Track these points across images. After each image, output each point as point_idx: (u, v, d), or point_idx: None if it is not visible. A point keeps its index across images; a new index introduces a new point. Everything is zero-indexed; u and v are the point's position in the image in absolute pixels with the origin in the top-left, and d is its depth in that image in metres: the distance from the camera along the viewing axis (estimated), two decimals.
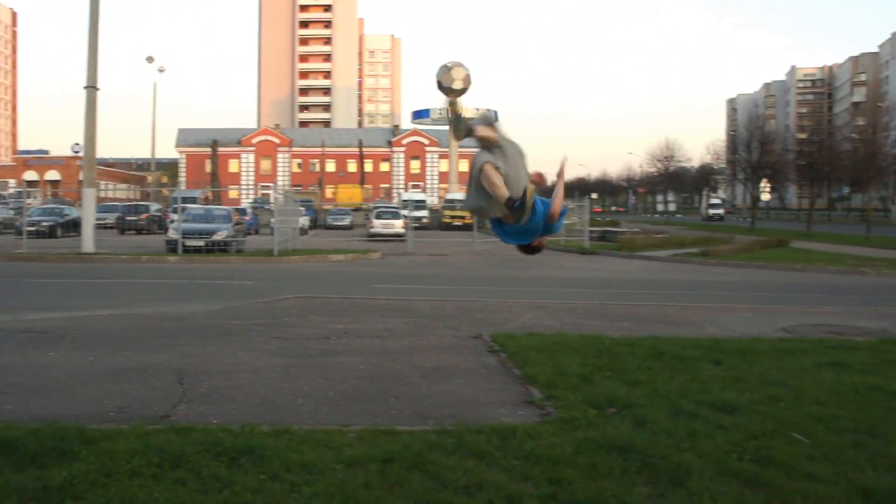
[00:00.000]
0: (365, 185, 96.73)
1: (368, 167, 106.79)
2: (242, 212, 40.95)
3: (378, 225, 40.10)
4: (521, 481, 4.88)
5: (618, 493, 4.66)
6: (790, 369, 8.40)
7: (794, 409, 6.69)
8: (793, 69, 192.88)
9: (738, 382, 7.66)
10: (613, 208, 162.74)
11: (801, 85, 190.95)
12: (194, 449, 5.30)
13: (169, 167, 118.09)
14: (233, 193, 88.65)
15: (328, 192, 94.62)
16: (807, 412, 6.62)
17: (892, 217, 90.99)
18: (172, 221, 29.71)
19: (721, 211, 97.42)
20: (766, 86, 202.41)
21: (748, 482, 4.95)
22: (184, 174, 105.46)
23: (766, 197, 72.25)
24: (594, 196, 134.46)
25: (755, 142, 67.05)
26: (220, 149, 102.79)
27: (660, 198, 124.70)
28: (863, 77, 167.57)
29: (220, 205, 41.06)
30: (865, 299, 17.59)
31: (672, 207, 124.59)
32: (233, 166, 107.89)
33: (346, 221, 53.59)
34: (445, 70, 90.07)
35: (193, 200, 43.52)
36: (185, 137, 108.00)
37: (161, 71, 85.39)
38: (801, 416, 6.51)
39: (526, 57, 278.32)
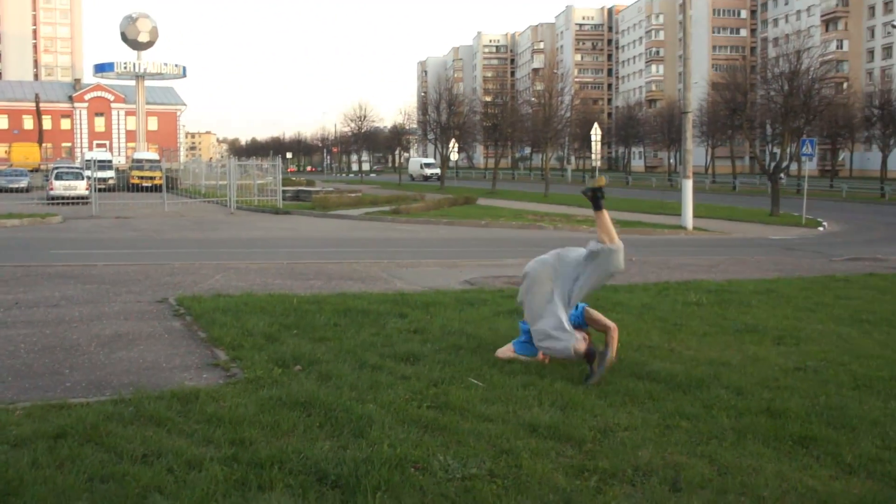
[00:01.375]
0: (44, 144, 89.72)
1: (47, 124, 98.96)
2: None
3: (59, 187, 37.48)
4: (202, 445, 4.78)
5: (300, 448, 4.68)
6: (470, 319, 8.86)
7: (472, 357, 7.06)
8: (479, 35, 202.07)
9: (421, 334, 7.97)
10: (308, 168, 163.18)
11: (486, 50, 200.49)
12: None
13: None
14: None
15: (1, 151, 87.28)
16: (484, 358, 7.02)
17: (568, 176, 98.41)
18: None
19: (437, 171, 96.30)
20: (455, 49, 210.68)
21: (427, 427, 5.16)
22: None
23: (454, 156, 75.31)
24: (289, 156, 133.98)
25: (444, 103, 69.84)
26: None
27: (354, 157, 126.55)
28: (541, 45, 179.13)
29: None
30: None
31: (366, 167, 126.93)
32: None
33: (23, 184, 49.43)
34: (130, 21, 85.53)
35: None
36: None
37: None
38: (479, 362, 6.89)
39: (219, 10, 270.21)
